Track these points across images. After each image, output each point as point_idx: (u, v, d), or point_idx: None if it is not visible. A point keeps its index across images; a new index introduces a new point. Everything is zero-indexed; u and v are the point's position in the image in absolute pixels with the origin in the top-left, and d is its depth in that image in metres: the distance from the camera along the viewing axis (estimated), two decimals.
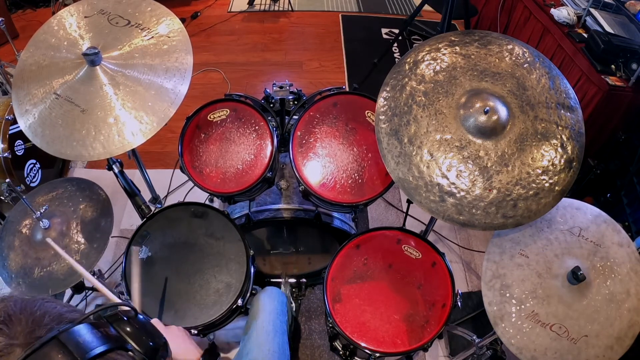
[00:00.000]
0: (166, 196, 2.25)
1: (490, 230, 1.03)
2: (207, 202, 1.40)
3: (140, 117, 1.12)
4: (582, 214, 1.12)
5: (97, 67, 1.16)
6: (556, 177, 1.01)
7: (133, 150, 1.41)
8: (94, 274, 1.33)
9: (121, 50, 1.20)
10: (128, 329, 0.57)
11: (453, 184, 1.00)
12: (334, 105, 1.38)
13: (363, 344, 1.16)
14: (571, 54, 2.23)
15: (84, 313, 0.59)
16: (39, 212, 1.27)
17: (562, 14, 2.35)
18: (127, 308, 0.60)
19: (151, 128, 1.12)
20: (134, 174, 1.55)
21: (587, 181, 2.07)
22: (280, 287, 1.68)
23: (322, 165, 1.33)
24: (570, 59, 2.24)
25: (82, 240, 1.32)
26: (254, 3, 3.76)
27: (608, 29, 2.18)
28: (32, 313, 0.53)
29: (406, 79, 1.08)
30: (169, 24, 1.23)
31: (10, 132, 1.85)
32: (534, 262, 1.06)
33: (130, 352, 0.56)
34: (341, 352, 1.36)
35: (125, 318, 0.58)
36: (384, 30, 3.53)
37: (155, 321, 1.03)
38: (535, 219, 1.02)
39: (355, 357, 1.34)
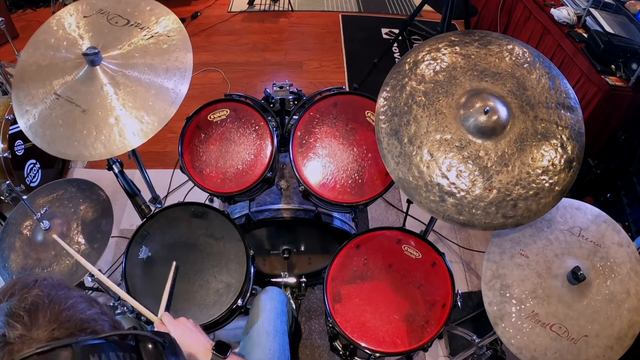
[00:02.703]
0: (166, 196, 2.25)
1: (490, 230, 1.03)
2: (207, 202, 1.40)
3: (141, 116, 1.12)
4: (582, 214, 1.12)
5: (97, 67, 1.16)
6: (556, 177, 1.01)
7: (133, 150, 1.40)
8: (93, 275, 1.33)
9: (121, 49, 1.20)
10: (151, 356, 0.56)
11: (453, 184, 1.00)
12: (334, 105, 1.38)
13: (363, 344, 1.16)
14: (571, 54, 2.23)
15: (115, 323, 0.57)
16: (39, 213, 1.27)
17: (562, 14, 2.35)
18: (158, 338, 0.58)
19: (152, 128, 1.12)
20: (134, 174, 1.55)
21: (587, 181, 2.07)
22: (280, 287, 1.68)
23: (322, 165, 1.33)
24: (570, 59, 2.24)
25: (83, 241, 1.32)
26: (254, 3, 3.76)
27: (608, 29, 2.18)
28: (60, 311, 0.52)
29: (406, 79, 1.08)
30: (169, 23, 1.23)
31: (10, 132, 1.85)
32: (534, 262, 1.06)
33: None
34: (341, 352, 1.36)
35: (151, 345, 0.57)
36: (384, 30, 3.53)
37: (165, 315, 1.02)
38: (535, 219, 1.02)
39: (355, 357, 1.34)
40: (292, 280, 1.76)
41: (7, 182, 1.28)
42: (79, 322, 0.53)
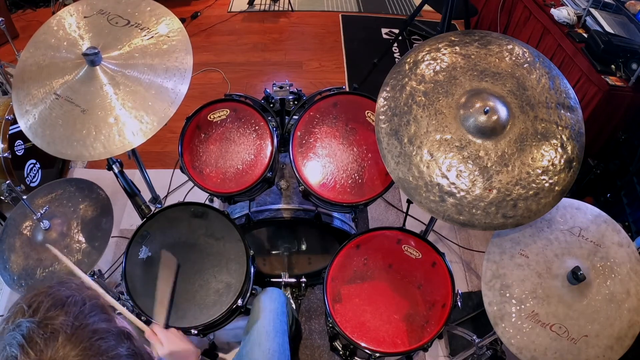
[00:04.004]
0: (166, 196, 2.25)
1: (490, 230, 1.03)
2: (207, 202, 1.40)
3: (141, 116, 1.12)
4: (582, 214, 1.12)
5: (97, 67, 1.16)
6: (556, 177, 1.01)
7: (133, 150, 1.40)
8: (94, 274, 1.33)
9: (121, 50, 1.20)
10: None
11: (453, 184, 1.00)
12: (334, 105, 1.38)
13: (363, 344, 1.16)
14: (571, 54, 2.23)
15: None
16: (39, 213, 1.27)
17: (562, 14, 2.35)
18: None
19: (151, 128, 1.12)
20: (134, 174, 1.55)
21: (587, 181, 2.06)
22: (280, 287, 1.68)
23: (322, 165, 1.33)
24: (570, 59, 2.24)
25: (83, 240, 1.32)
26: (254, 3, 3.75)
27: (608, 29, 2.18)
28: (82, 348, 0.49)
29: (406, 79, 1.08)
30: (169, 24, 1.23)
31: (10, 132, 1.85)
32: (534, 262, 1.06)
33: None
34: (341, 352, 1.36)
35: None
36: (384, 30, 3.52)
37: (156, 326, 1.05)
38: (535, 219, 1.02)
39: (355, 357, 1.34)
40: (292, 280, 1.76)
41: (7, 182, 1.28)
42: None
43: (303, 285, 1.80)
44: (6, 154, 1.81)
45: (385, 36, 3.48)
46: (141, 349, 0.58)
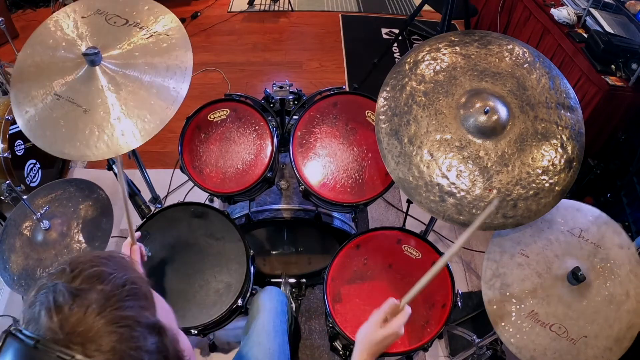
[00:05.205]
0: (166, 196, 2.25)
1: (490, 230, 1.03)
2: (207, 202, 1.40)
3: (143, 115, 1.12)
4: (583, 216, 1.12)
5: (98, 67, 1.16)
6: (556, 177, 1.01)
7: (133, 150, 1.40)
8: None
9: (121, 49, 1.20)
10: None
11: (453, 184, 1.00)
12: (334, 105, 1.38)
13: None
14: (571, 54, 2.23)
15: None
16: (39, 213, 1.27)
17: (562, 14, 2.35)
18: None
19: (154, 126, 1.11)
20: (134, 174, 1.55)
21: (587, 181, 2.06)
22: (280, 287, 1.68)
23: (322, 165, 1.33)
24: (570, 59, 2.24)
25: (83, 240, 1.32)
26: (254, 3, 3.75)
27: (608, 29, 2.18)
28: (107, 331, 0.48)
29: (406, 79, 1.08)
30: (167, 22, 1.23)
31: (10, 132, 1.85)
32: (534, 262, 1.06)
33: None
34: (341, 352, 1.36)
35: None
36: (384, 30, 3.53)
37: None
38: (535, 219, 1.02)
39: None
40: (292, 280, 1.76)
41: (7, 182, 1.28)
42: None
43: (303, 285, 1.79)
44: (6, 154, 1.81)
45: (385, 36, 3.48)
46: (170, 347, 0.55)
